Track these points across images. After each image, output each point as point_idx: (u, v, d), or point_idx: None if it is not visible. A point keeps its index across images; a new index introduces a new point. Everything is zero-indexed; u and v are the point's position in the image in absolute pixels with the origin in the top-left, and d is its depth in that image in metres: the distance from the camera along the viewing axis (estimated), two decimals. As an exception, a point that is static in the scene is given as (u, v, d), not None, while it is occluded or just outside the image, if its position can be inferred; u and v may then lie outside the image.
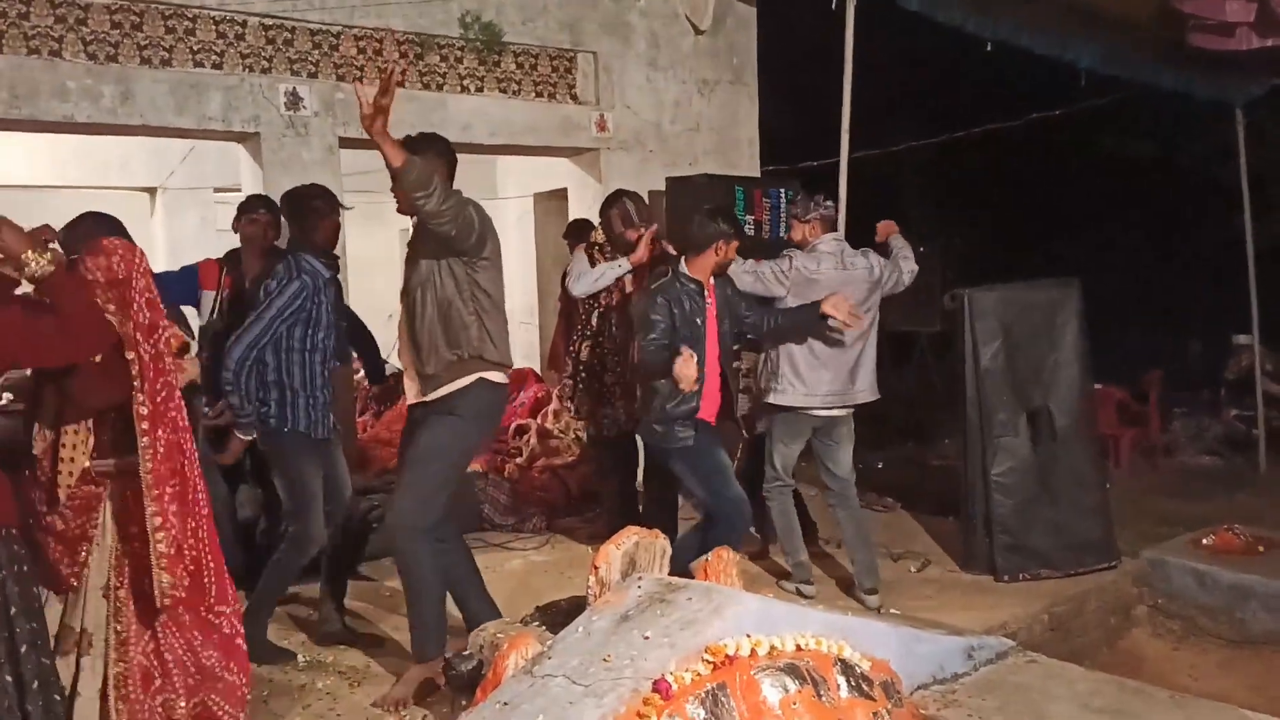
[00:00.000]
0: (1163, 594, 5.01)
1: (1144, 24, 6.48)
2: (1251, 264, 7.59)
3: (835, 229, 4.63)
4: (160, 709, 2.87)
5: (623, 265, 4.71)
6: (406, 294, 3.59)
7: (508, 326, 3.67)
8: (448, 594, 3.68)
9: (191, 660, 2.93)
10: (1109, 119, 10.55)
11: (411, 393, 3.63)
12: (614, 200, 4.91)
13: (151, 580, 2.84)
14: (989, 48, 6.41)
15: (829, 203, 4.66)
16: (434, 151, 3.57)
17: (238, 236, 4.64)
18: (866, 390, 4.54)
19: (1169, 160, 12.09)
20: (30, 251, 2.54)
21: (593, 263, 4.91)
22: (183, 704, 2.88)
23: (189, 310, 4.70)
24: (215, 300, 4.63)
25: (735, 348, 4.55)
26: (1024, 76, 8.80)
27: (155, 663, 2.88)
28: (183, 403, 2.97)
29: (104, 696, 2.83)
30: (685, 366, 3.83)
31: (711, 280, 4.18)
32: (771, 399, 4.46)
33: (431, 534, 3.55)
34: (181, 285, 4.61)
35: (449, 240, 3.42)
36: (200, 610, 2.96)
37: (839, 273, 4.42)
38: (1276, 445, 7.67)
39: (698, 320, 4.08)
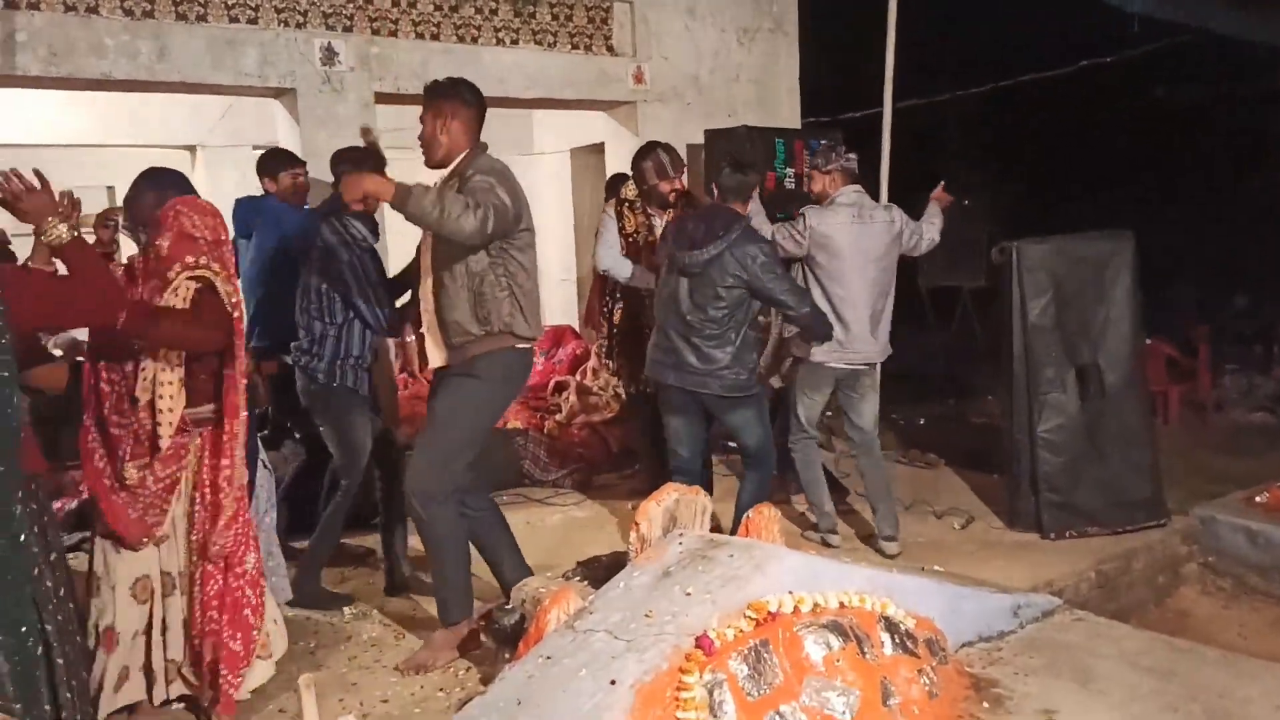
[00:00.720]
0: (1212, 552, 4.90)
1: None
2: (1310, 214, 7.36)
3: (856, 181, 4.57)
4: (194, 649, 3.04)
5: (632, 274, 4.77)
6: (434, 266, 3.47)
7: (539, 296, 3.59)
8: (473, 556, 3.64)
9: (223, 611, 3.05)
10: (1161, 65, 10.22)
11: (435, 359, 3.56)
12: (647, 151, 4.79)
13: (209, 529, 2.99)
14: (1038, -8, 6.21)
15: (850, 155, 4.63)
16: (459, 99, 3.46)
17: (274, 187, 4.70)
18: (882, 348, 4.56)
19: (1223, 107, 11.72)
20: (54, 218, 2.57)
21: (622, 220, 4.83)
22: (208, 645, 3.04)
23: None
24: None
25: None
26: (1073, 22, 8.54)
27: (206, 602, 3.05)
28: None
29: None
30: None
31: None
32: (795, 353, 4.52)
33: (451, 499, 3.46)
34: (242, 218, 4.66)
35: (499, 235, 3.31)
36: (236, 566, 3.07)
37: (857, 225, 4.39)
38: (1331, 401, 7.49)
39: None
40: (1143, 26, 6.74)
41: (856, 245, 4.37)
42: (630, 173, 5.00)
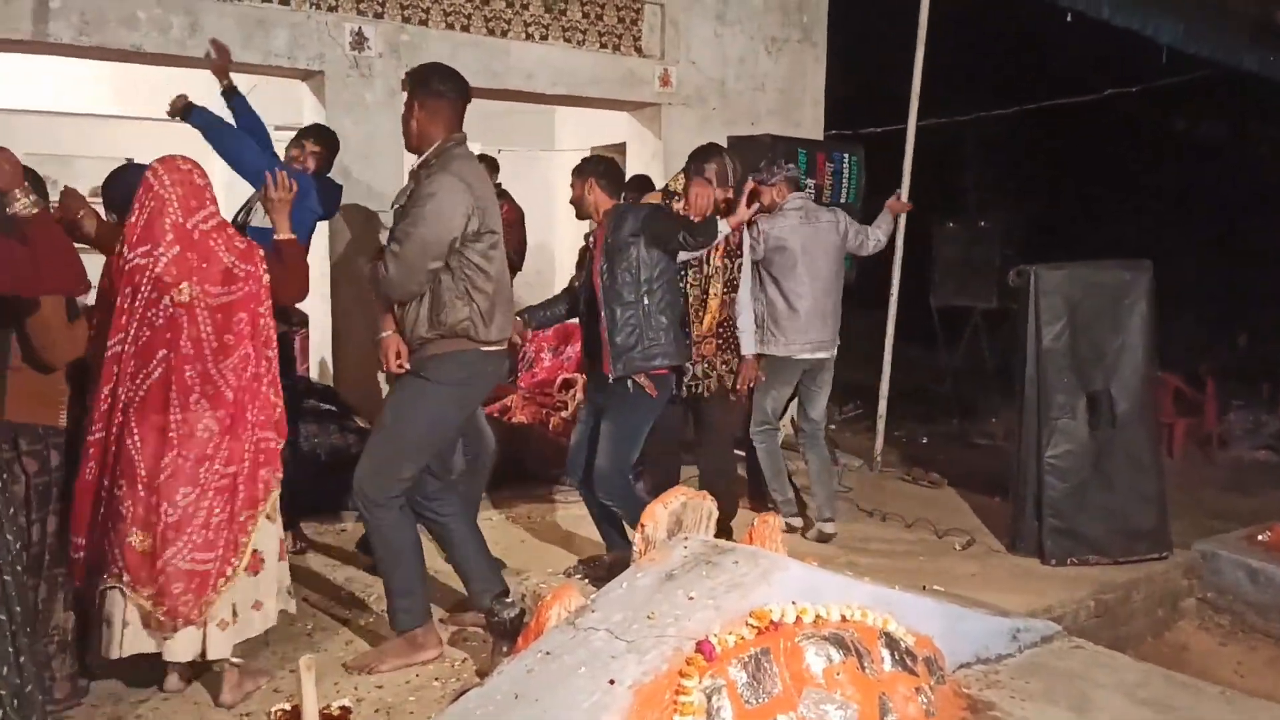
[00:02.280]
0: (1213, 588, 4.89)
1: (1229, 1, 6.25)
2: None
3: (799, 188, 5.02)
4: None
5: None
6: None
7: (510, 296, 3.50)
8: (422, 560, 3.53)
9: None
10: (1186, 99, 10.22)
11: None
12: (711, 153, 4.45)
13: None
14: (1068, 18, 6.21)
15: (791, 165, 5.09)
16: (426, 88, 3.39)
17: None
18: (833, 339, 4.93)
19: (1245, 144, 11.70)
20: (19, 190, 2.58)
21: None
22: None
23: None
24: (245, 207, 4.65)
25: None
26: (1102, 50, 8.53)
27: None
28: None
29: None
30: None
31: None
32: (763, 349, 4.76)
33: (396, 504, 3.36)
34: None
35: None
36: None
37: (805, 227, 4.79)
38: (1336, 443, 7.48)
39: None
40: (1171, 59, 6.73)
41: (805, 246, 4.77)
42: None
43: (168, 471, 2.94)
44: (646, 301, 3.88)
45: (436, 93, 3.41)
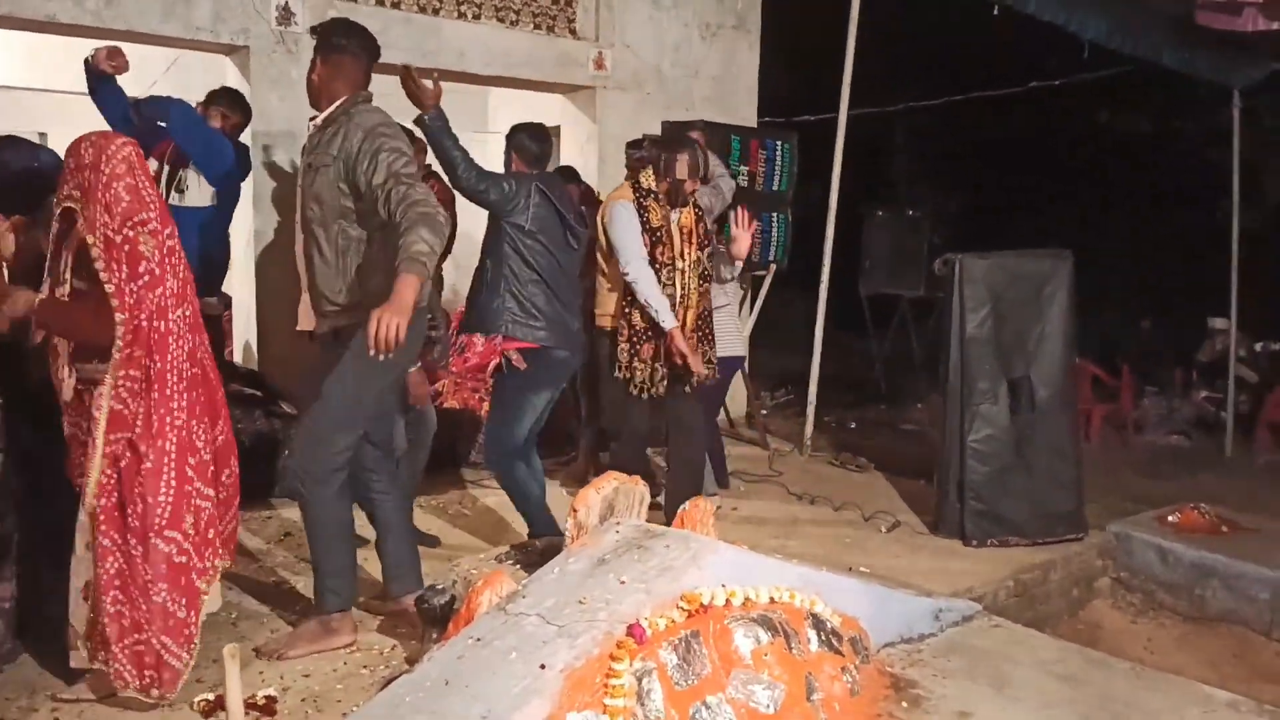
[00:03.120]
0: (1125, 568, 5.08)
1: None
2: (1235, 248, 7.63)
3: None
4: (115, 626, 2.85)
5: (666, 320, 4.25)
6: (306, 225, 3.29)
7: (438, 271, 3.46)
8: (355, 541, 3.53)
9: (140, 593, 2.85)
10: (1107, 93, 10.49)
11: (304, 322, 3.39)
12: (681, 145, 4.31)
13: (134, 498, 2.82)
14: (995, 11, 6.32)
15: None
16: (328, 43, 3.27)
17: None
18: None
19: (1163, 139, 12.08)
20: None
21: (644, 215, 4.25)
22: (131, 635, 2.87)
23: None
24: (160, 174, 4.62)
25: None
26: (1026, 44, 8.72)
27: (118, 581, 2.85)
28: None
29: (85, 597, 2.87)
30: None
31: None
32: None
33: (332, 479, 3.29)
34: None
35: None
36: (150, 535, 2.86)
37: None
38: (1243, 429, 7.79)
39: None
40: (1093, 54, 6.90)
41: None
42: (642, 159, 4.59)
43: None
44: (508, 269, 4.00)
45: (339, 47, 3.29)
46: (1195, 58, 7.05)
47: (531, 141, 4.24)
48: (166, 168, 4.68)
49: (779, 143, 6.86)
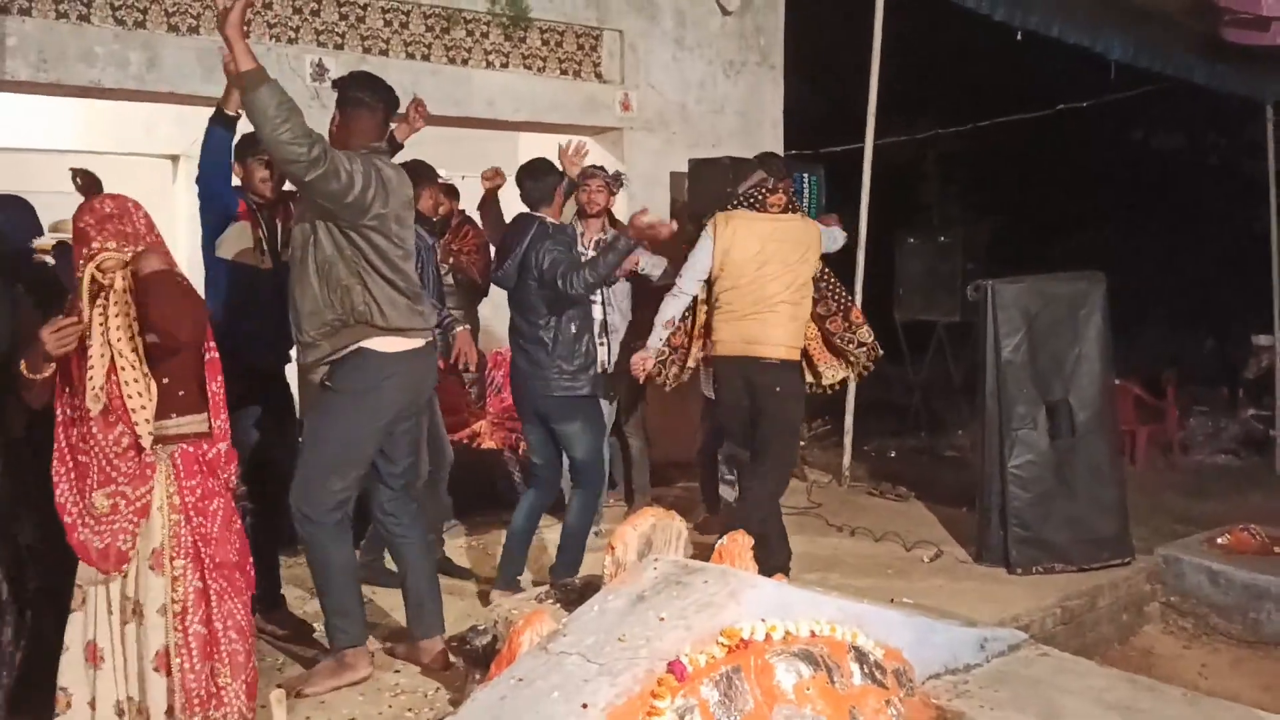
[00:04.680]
0: (1176, 591, 4.98)
1: (1177, 16, 6.41)
2: (1276, 263, 7.53)
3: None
4: (207, 676, 2.86)
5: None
6: (290, 254, 3.43)
7: (412, 293, 3.41)
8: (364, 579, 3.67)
9: (239, 634, 2.93)
10: (1137, 112, 10.44)
11: (296, 355, 3.50)
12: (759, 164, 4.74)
13: (214, 549, 2.89)
14: (1019, 37, 6.34)
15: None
16: (343, 97, 3.39)
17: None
18: None
19: (1196, 155, 11.97)
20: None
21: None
22: (231, 678, 2.90)
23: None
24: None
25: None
26: (1053, 67, 8.71)
27: (210, 632, 2.88)
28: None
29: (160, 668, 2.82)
30: None
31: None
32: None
33: (330, 518, 3.35)
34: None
35: (318, 191, 3.14)
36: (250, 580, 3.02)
37: None
38: (1293, 446, 7.63)
39: None
40: (1120, 74, 6.89)
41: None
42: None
43: None
44: None
45: (355, 100, 3.40)
46: (1225, 73, 7.01)
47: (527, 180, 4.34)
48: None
49: (806, 175, 6.89)
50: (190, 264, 4.30)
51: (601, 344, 4.82)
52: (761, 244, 4.33)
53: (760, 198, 4.45)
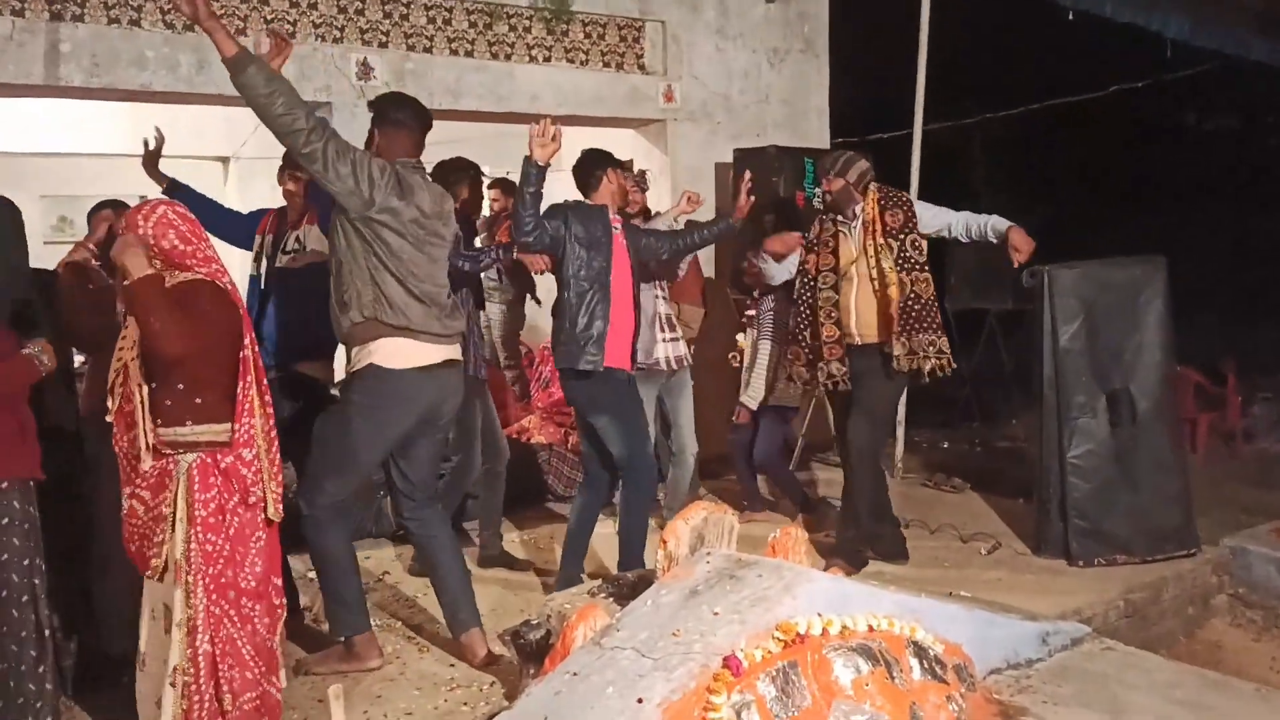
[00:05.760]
0: (1243, 583, 4.84)
1: (1236, -9, 6.24)
2: (1343, 243, 7.29)
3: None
4: (215, 697, 2.78)
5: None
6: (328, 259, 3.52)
7: (430, 298, 3.41)
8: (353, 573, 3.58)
9: (255, 652, 2.84)
10: (1195, 91, 10.18)
11: None
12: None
13: (220, 569, 2.79)
14: (1070, 16, 6.20)
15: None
16: (377, 115, 3.50)
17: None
18: None
19: (1255, 136, 11.64)
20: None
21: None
22: (244, 696, 2.81)
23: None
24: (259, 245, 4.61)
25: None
26: (1106, 47, 8.51)
27: (221, 650, 2.78)
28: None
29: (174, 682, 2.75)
30: None
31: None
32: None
33: (327, 515, 3.41)
34: (246, 226, 4.39)
35: (316, 166, 3.20)
36: (270, 597, 2.90)
37: None
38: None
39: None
40: (1176, 52, 6.71)
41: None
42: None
43: None
44: None
45: (395, 121, 3.50)
46: (1283, 49, 6.81)
47: None
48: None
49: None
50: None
51: (663, 339, 4.79)
52: None
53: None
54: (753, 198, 4.51)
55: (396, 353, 3.36)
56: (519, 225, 3.90)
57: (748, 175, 4.61)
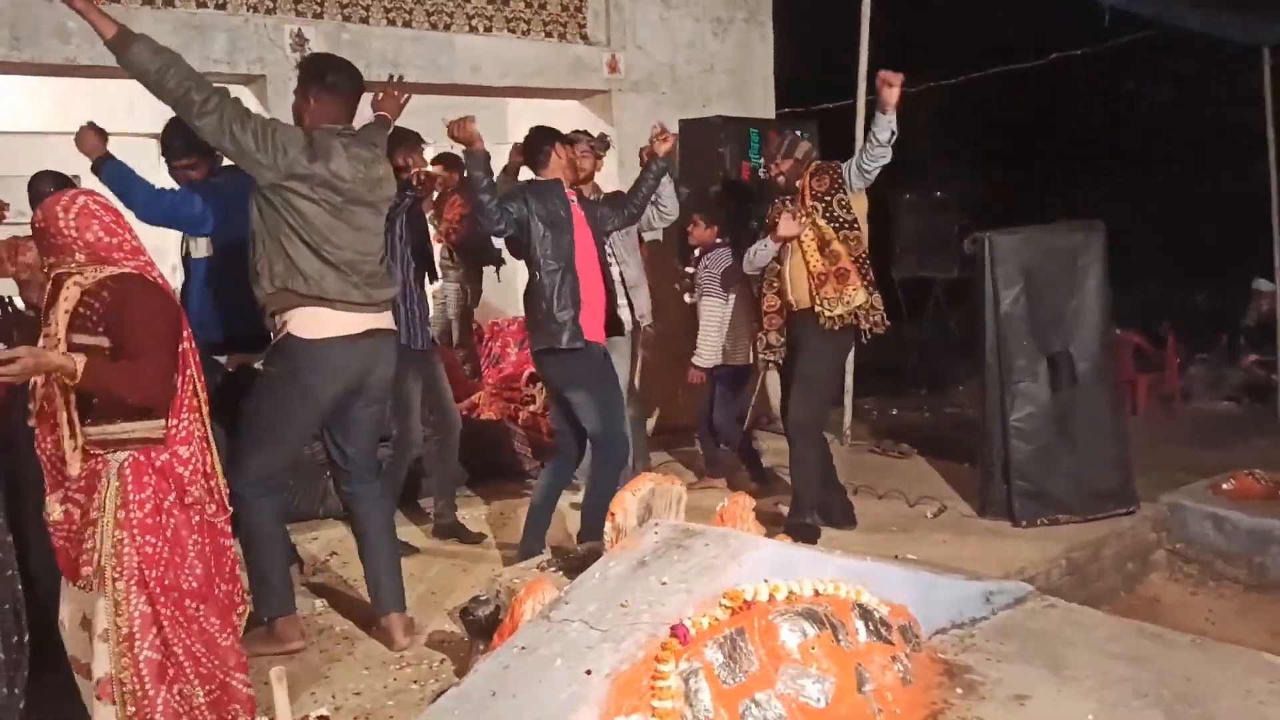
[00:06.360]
0: (1181, 539, 4.97)
1: (1172, -41, 6.31)
2: (1275, 209, 7.45)
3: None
4: (178, 699, 2.68)
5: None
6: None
7: (349, 265, 3.31)
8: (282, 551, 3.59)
9: (206, 649, 2.73)
10: (1132, 60, 10.31)
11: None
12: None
13: (161, 572, 2.64)
14: (1011, -16, 6.23)
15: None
16: (300, 77, 3.41)
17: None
18: None
19: (1192, 103, 11.84)
20: None
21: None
22: (200, 691, 2.71)
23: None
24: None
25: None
26: (1045, 15, 8.59)
27: (165, 655, 2.66)
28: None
29: (101, 695, 2.63)
30: None
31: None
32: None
33: (249, 492, 3.31)
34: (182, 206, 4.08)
35: (216, 144, 3.18)
36: (218, 597, 2.79)
37: None
38: (1295, 391, 7.59)
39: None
40: (1114, 21, 6.77)
41: None
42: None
43: None
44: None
45: (329, 85, 3.40)
46: (1221, 18, 6.90)
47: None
48: None
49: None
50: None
51: (622, 304, 4.76)
52: None
53: None
54: (667, 142, 4.50)
55: (311, 322, 3.29)
56: (486, 217, 3.89)
57: (661, 124, 4.66)
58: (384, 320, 3.48)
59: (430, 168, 5.03)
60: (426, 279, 4.56)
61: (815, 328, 4.44)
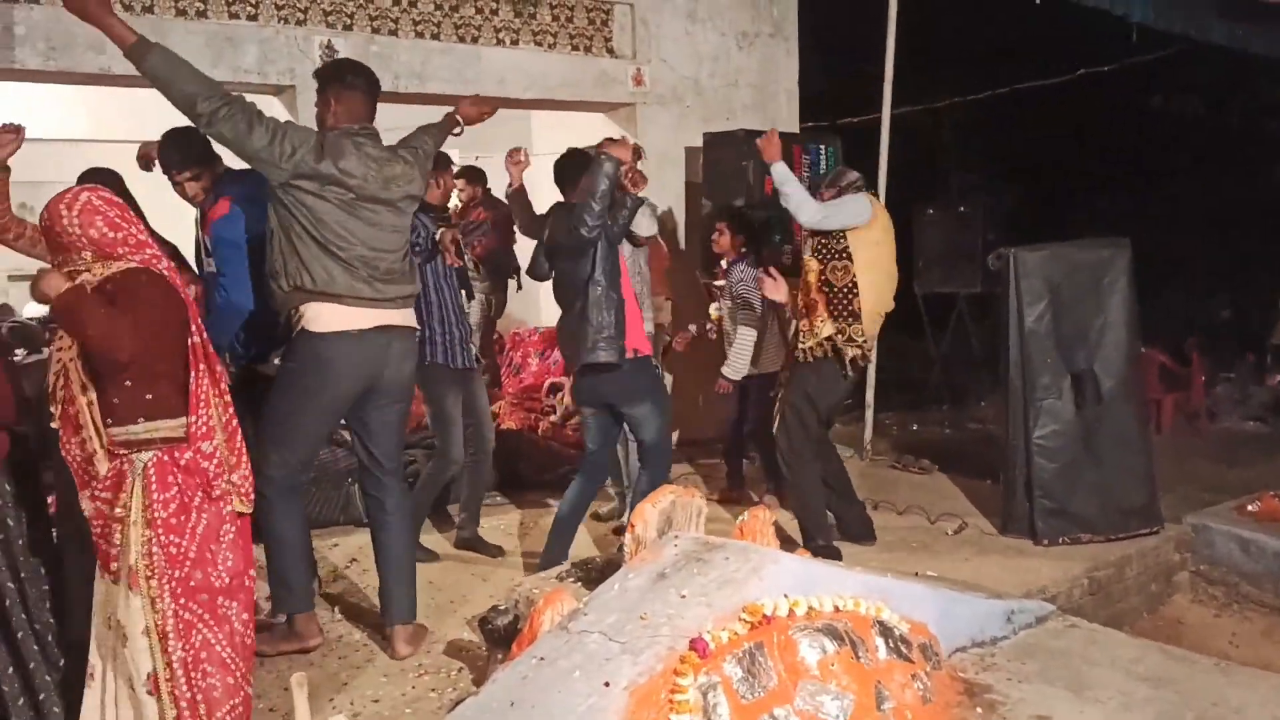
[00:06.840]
0: (1205, 560, 4.92)
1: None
2: (1303, 224, 7.39)
3: None
4: (192, 704, 2.66)
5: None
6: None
7: (359, 262, 3.33)
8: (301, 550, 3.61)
9: (235, 653, 2.72)
10: (1159, 75, 10.25)
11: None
12: None
13: (187, 571, 2.65)
14: (1037, 1, 6.22)
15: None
16: (320, 80, 3.44)
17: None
18: None
19: (1219, 118, 11.76)
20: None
21: None
22: (229, 703, 2.70)
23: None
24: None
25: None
26: (1072, 31, 8.55)
27: (194, 656, 2.65)
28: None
29: (153, 690, 2.63)
30: None
31: None
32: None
33: (269, 490, 3.31)
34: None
35: (231, 144, 3.22)
36: (248, 588, 2.80)
37: None
38: (1324, 412, 7.52)
39: None
40: (1141, 36, 6.75)
41: None
42: None
43: None
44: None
45: (349, 85, 3.44)
46: (1248, 33, 6.86)
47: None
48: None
49: (821, 146, 6.80)
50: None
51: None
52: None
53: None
54: (522, 161, 4.62)
55: (320, 317, 3.32)
56: (592, 219, 3.84)
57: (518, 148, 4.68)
58: (398, 317, 3.48)
59: (457, 183, 5.08)
60: (464, 297, 4.58)
61: (793, 358, 4.56)
